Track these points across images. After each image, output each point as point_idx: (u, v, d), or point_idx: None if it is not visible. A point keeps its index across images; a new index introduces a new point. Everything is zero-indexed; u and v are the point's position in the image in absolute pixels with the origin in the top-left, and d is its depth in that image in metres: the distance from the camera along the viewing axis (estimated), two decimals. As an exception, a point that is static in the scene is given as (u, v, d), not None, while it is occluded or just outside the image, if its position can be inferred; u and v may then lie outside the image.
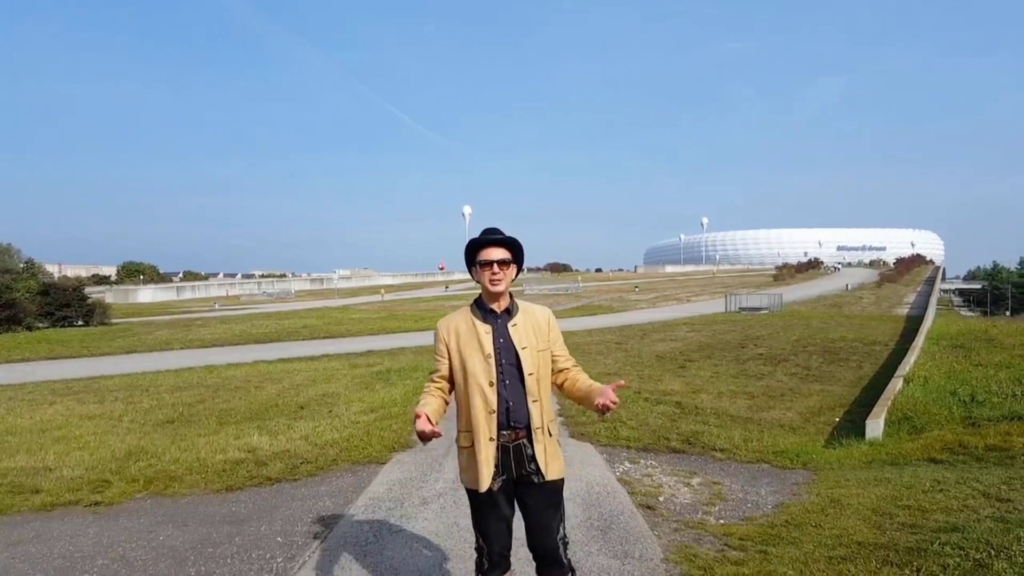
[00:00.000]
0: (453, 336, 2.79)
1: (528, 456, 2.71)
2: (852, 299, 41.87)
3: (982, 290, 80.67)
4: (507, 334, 2.75)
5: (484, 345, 2.72)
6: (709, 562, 3.89)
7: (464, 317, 2.82)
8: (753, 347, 17.72)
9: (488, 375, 2.69)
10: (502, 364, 2.71)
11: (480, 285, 2.81)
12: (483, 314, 2.79)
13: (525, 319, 2.81)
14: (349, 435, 7.58)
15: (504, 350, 2.73)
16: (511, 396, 2.70)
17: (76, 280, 41.47)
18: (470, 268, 2.85)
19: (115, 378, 14.63)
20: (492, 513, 2.77)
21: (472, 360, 2.72)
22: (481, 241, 2.78)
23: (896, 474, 6.14)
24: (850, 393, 12.06)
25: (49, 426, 8.94)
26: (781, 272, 75.27)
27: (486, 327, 2.75)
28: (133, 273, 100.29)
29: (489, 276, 2.74)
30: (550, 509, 2.78)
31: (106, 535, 4.65)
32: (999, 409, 9.01)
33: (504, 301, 2.81)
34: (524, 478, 2.73)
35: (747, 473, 6.38)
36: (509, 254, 2.78)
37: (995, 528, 4.07)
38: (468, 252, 2.83)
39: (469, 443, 2.73)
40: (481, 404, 2.68)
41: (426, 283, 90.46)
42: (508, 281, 2.78)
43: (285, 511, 5.10)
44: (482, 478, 2.67)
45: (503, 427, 2.69)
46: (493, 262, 2.72)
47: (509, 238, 2.80)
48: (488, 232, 2.81)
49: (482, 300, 2.82)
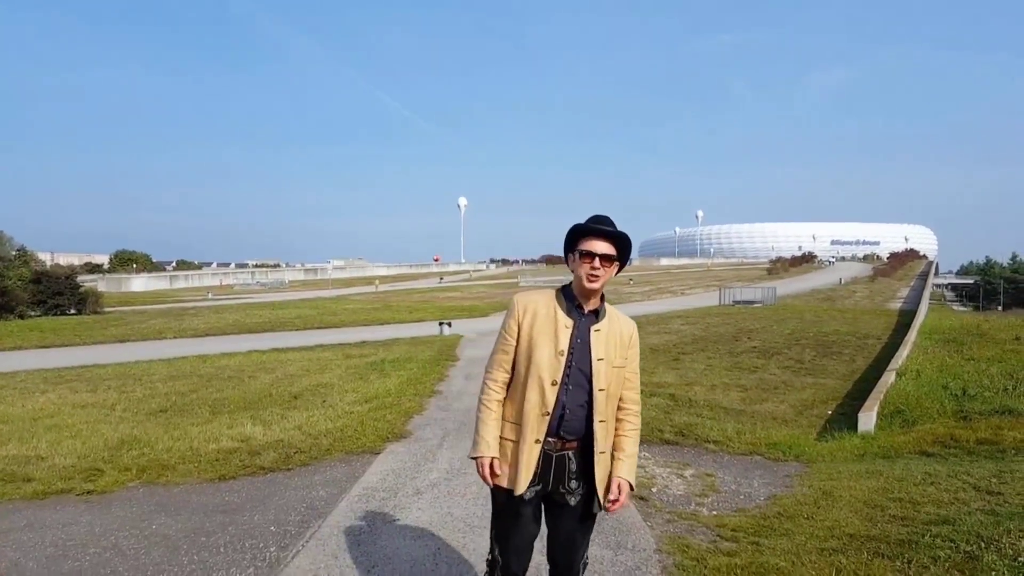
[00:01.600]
0: (529, 316, 2.48)
1: (571, 472, 2.45)
2: (845, 293, 42.02)
3: (975, 285, 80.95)
4: (587, 337, 2.45)
5: (560, 339, 2.43)
6: (702, 553, 3.90)
7: (547, 300, 2.51)
8: (747, 340, 17.77)
9: (553, 373, 2.41)
10: (571, 366, 2.42)
11: (574, 275, 2.49)
12: (569, 306, 2.48)
13: (610, 327, 2.51)
14: (343, 425, 7.56)
15: (578, 352, 2.43)
16: (571, 403, 2.42)
17: (69, 268, 41.15)
18: (567, 255, 2.51)
19: (108, 367, 14.57)
20: (516, 525, 2.51)
21: (541, 351, 2.42)
22: (587, 229, 2.45)
23: (888, 467, 6.18)
24: (843, 386, 12.12)
25: (41, 414, 8.90)
26: (775, 266, 75.49)
27: (568, 320, 2.45)
28: (126, 262, 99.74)
29: (588, 269, 2.40)
30: (581, 531, 2.55)
31: (98, 524, 4.63)
32: (990, 403, 9.08)
33: (595, 301, 2.50)
34: (559, 496, 2.47)
35: (740, 465, 6.41)
36: (615, 250, 2.45)
37: (985, 521, 4.10)
38: (570, 237, 2.50)
39: (514, 437, 2.46)
40: (537, 401, 2.41)
41: (420, 274, 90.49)
42: (607, 279, 2.46)
43: (278, 500, 5.09)
44: (520, 478, 2.40)
45: (551, 433, 2.42)
46: (596, 255, 2.40)
47: (619, 232, 2.46)
48: (597, 220, 2.48)
49: (571, 291, 2.52)
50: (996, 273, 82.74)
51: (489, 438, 2.47)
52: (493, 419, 2.49)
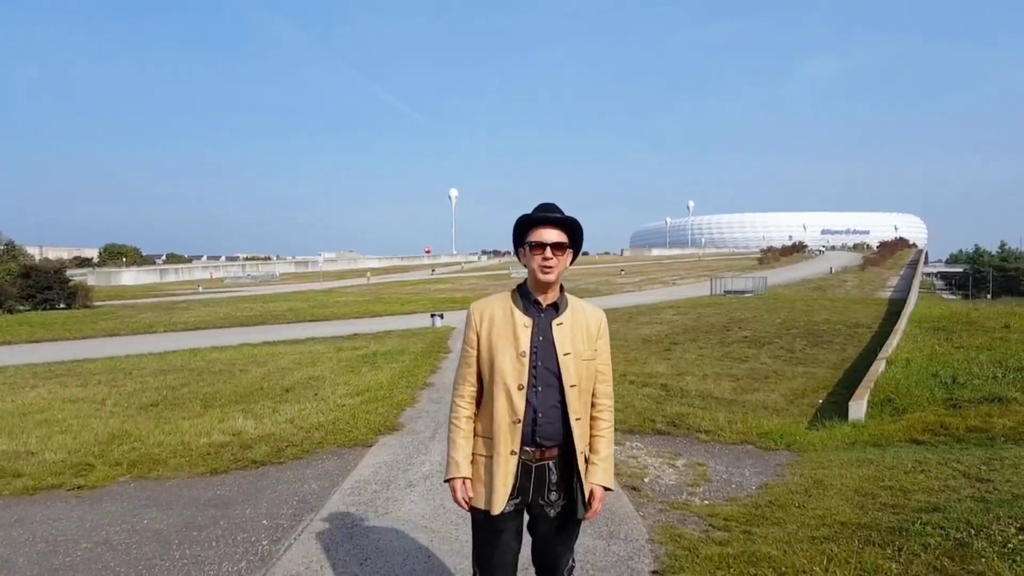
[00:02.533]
0: (486, 323, 2.37)
1: (552, 483, 2.34)
2: (836, 282, 42.18)
3: (964, 273, 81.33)
4: (549, 333, 2.33)
5: (520, 340, 2.30)
6: (694, 542, 3.92)
7: (502, 303, 2.39)
8: (738, 330, 17.82)
9: (518, 377, 2.29)
10: (537, 367, 2.30)
11: (528, 270, 2.37)
12: (525, 304, 2.37)
13: (574, 319, 2.38)
14: (335, 418, 7.55)
15: (543, 350, 2.31)
16: (542, 407, 2.30)
17: (58, 262, 41.02)
18: (517, 249, 2.40)
19: (98, 361, 14.50)
20: (497, 542, 2.38)
21: (503, 356, 2.30)
22: (534, 219, 2.34)
23: (878, 455, 6.21)
24: (833, 375, 12.17)
25: (31, 410, 8.84)
26: (766, 255, 75.71)
27: (526, 320, 2.33)
28: (116, 255, 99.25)
29: (540, 261, 2.28)
30: (563, 540, 2.47)
31: (89, 519, 4.61)
32: (980, 391, 9.13)
33: (553, 293, 2.38)
34: (539, 508, 2.36)
35: (731, 454, 6.43)
36: (566, 237, 2.33)
37: (975, 508, 4.13)
38: (517, 230, 2.38)
39: (488, 452, 2.34)
40: (506, 410, 2.29)
41: (412, 266, 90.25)
42: (562, 269, 2.33)
43: (270, 494, 5.08)
44: (496, 497, 2.28)
45: (527, 442, 2.30)
46: (547, 245, 2.28)
47: (568, 218, 2.34)
48: (544, 209, 2.36)
49: (527, 288, 2.39)
50: (985, 261, 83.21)
51: (460, 458, 2.37)
52: (462, 437, 2.39)
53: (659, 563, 3.67)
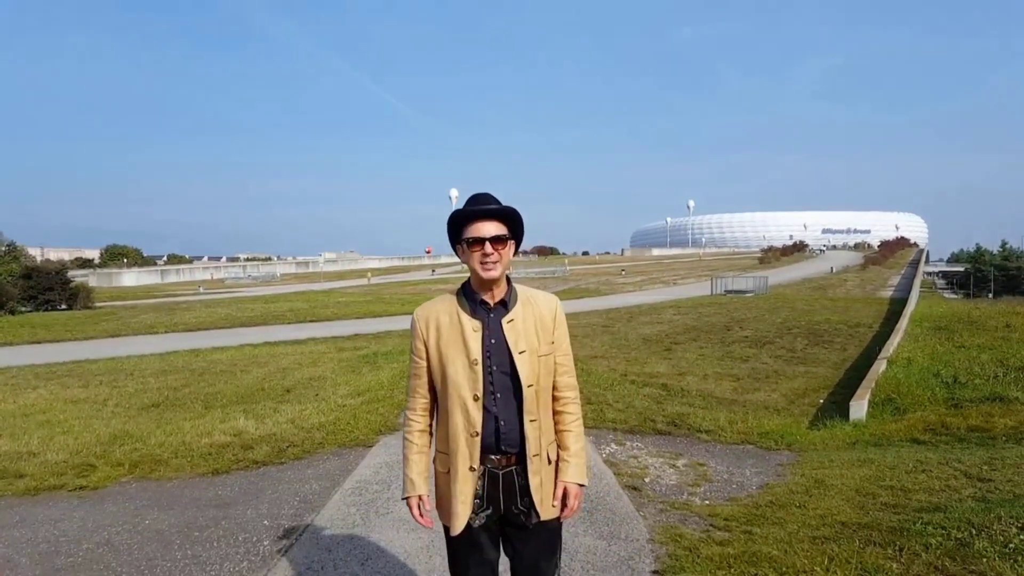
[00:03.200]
0: (433, 331, 2.20)
1: (521, 488, 2.17)
2: (837, 282, 42.14)
3: (965, 273, 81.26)
4: (501, 333, 2.15)
5: (470, 347, 2.13)
6: (694, 542, 3.92)
7: (447, 307, 2.21)
8: (739, 330, 17.82)
9: (473, 386, 2.11)
10: (492, 372, 2.13)
11: (468, 268, 2.18)
12: (472, 306, 2.19)
13: (525, 312, 2.20)
14: (336, 418, 7.55)
15: (496, 353, 2.14)
16: (503, 414, 2.13)
17: (59, 263, 40.92)
18: (455, 247, 2.21)
19: (99, 362, 14.50)
20: (472, 556, 2.21)
21: (454, 365, 2.14)
22: (467, 213, 2.14)
23: (879, 455, 6.21)
24: (834, 375, 12.17)
25: (33, 410, 8.86)
26: (766, 255, 75.61)
27: (474, 323, 2.16)
28: (117, 256, 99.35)
29: (480, 258, 2.11)
30: (545, 555, 2.26)
31: (91, 519, 4.62)
32: (981, 390, 9.13)
33: (500, 290, 2.19)
34: (513, 517, 2.19)
35: (732, 454, 6.43)
36: (506, 228, 2.15)
37: (976, 508, 4.12)
38: (451, 226, 2.19)
39: (445, 468, 2.20)
40: (462, 423, 2.12)
41: (413, 266, 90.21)
42: (505, 263, 2.15)
43: (271, 494, 5.09)
44: (456, 517, 2.13)
45: (491, 451, 2.14)
46: (484, 240, 2.10)
47: (504, 208, 2.15)
48: (477, 200, 2.17)
49: (471, 287, 2.21)
50: (986, 261, 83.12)
51: (414, 475, 2.24)
52: (415, 452, 2.26)
53: (660, 563, 3.67)
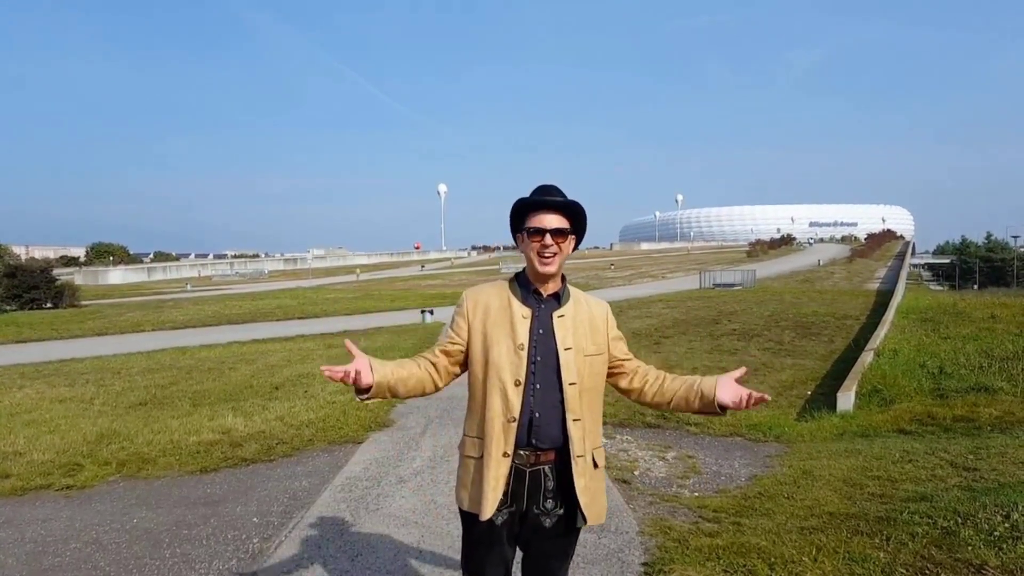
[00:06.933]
0: (480, 312, 2.16)
1: (548, 490, 2.11)
2: (824, 274, 42.37)
3: (951, 264, 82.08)
4: (549, 325, 2.12)
5: (518, 332, 2.09)
6: (684, 534, 3.94)
7: (499, 292, 2.19)
8: (727, 323, 17.88)
9: (515, 372, 2.07)
10: (536, 362, 2.09)
11: (525, 258, 2.16)
12: (524, 294, 2.16)
13: (576, 311, 2.18)
14: (325, 415, 7.53)
15: (542, 344, 2.10)
16: (539, 406, 2.08)
17: (44, 262, 40.58)
18: (515, 235, 2.19)
19: (86, 361, 14.40)
20: (490, 552, 2.17)
21: (498, 348, 2.09)
22: (533, 203, 2.13)
23: (866, 445, 6.26)
24: (822, 367, 12.24)
25: (19, 410, 8.78)
26: (754, 248, 75.89)
27: (525, 310, 2.12)
28: (103, 254, 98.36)
29: (539, 248, 2.08)
30: (558, 556, 2.23)
31: (79, 519, 4.59)
32: (966, 381, 9.21)
33: (554, 284, 2.17)
34: (532, 518, 2.13)
35: (721, 447, 6.47)
36: (568, 222, 2.12)
37: (962, 497, 4.17)
38: (515, 214, 2.17)
39: (477, 453, 2.12)
40: (500, 407, 2.07)
41: (402, 262, 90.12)
42: (563, 258, 2.13)
43: (261, 492, 5.07)
44: (486, 502, 2.06)
45: (521, 444, 2.08)
46: (546, 231, 2.07)
47: (571, 202, 2.13)
48: (543, 191, 2.15)
49: (525, 277, 2.19)
50: (972, 252, 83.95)
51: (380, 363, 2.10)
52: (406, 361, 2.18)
53: (649, 555, 3.69)
